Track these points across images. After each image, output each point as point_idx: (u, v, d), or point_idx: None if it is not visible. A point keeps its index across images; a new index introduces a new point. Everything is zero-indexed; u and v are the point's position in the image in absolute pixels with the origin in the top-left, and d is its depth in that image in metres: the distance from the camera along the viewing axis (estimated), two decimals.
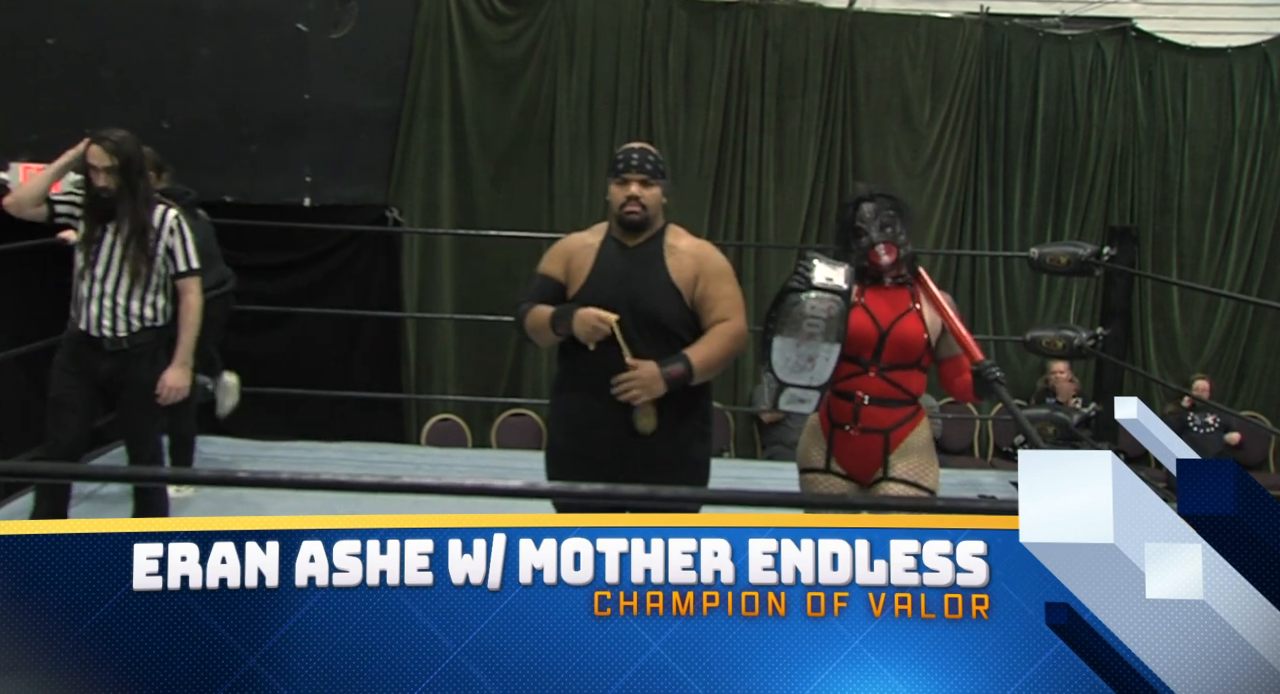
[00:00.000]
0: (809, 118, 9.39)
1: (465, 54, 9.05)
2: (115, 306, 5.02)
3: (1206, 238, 9.84)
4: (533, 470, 7.50)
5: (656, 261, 4.19)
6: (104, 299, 5.01)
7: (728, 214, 9.38)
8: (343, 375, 8.80)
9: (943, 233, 9.58)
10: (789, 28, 9.35)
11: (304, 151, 8.74)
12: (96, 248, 5.02)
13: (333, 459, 7.31)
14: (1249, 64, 9.72)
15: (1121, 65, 9.63)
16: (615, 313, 4.07)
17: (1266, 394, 10.01)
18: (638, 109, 9.28)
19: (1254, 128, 9.76)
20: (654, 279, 4.17)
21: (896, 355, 4.14)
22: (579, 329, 4.08)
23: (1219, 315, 9.94)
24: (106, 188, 4.98)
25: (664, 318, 4.15)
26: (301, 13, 8.63)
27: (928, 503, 3.80)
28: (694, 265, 4.21)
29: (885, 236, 4.20)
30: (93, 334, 5.02)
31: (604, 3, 9.19)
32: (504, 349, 9.32)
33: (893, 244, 4.19)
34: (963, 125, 9.55)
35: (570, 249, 4.27)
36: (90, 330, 5.02)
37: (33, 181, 5.12)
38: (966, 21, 9.50)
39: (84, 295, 5.03)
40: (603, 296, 4.12)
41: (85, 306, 5.02)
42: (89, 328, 5.02)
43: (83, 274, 5.03)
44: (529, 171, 9.24)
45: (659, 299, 4.15)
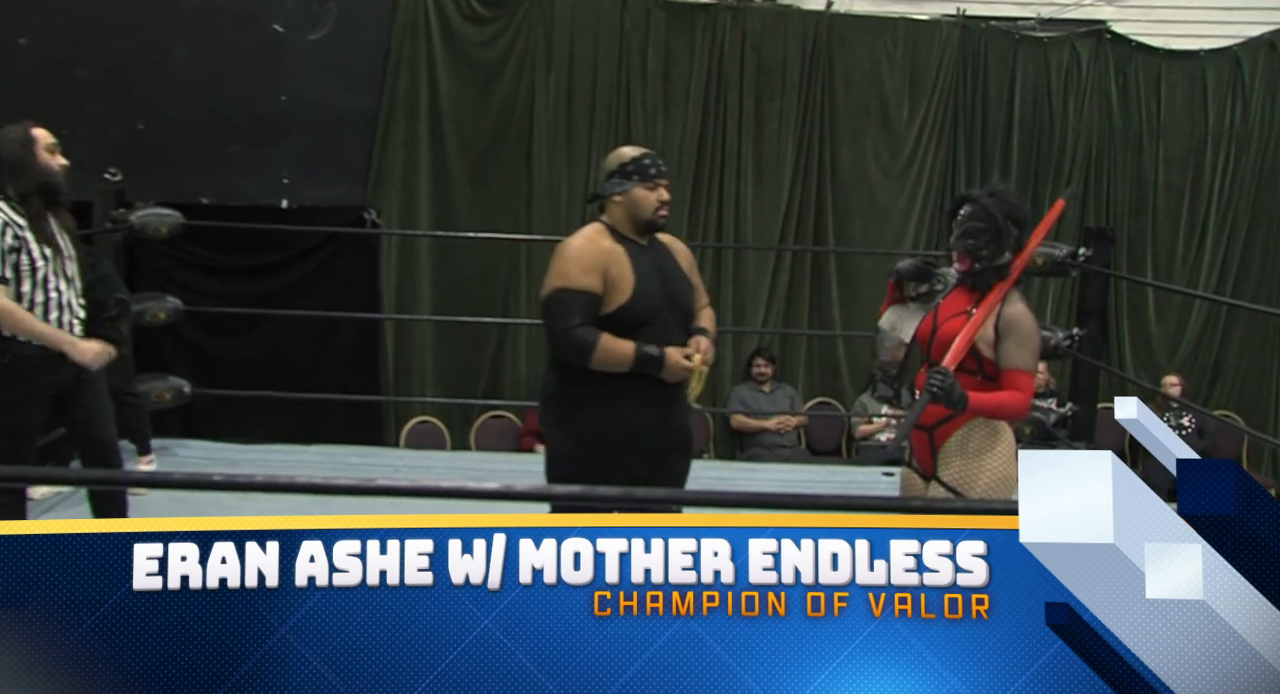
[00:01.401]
0: (787, 119, 9.40)
1: (443, 55, 9.02)
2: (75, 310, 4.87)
3: (1181, 238, 9.90)
4: (512, 472, 7.56)
5: (670, 258, 4.44)
6: (70, 304, 4.85)
7: (706, 215, 9.38)
8: (321, 377, 8.76)
9: (920, 234, 9.60)
10: (767, 29, 9.36)
11: (282, 152, 8.71)
12: (56, 243, 4.82)
13: (310, 462, 7.28)
14: (1221, 66, 9.78)
15: (1096, 67, 9.68)
16: (659, 313, 4.31)
17: (1240, 393, 10.07)
18: (616, 110, 9.28)
19: (1226, 129, 9.82)
20: (678, 275, 4.44)
21: (939, 354, 4.14)
22: (669, 376, 4.28)
23: (1193, 315, 9.99)
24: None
25: (690, 309, 4.46)
26: (279, 13, 8.60)
27: (927, 504, 3.80)
28: (686, 256, 4.53)
29: (960, 246, 4.23)
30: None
31: (582, 4, 9.18)
32: (483, 351, 9.30)
33: (965, 255, 4.21)
34: (940, 126, 9.58)
35: (601, 259, 4.31)
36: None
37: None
38: (944, 24, 9.53)
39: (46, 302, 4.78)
40: (654, 301, 4.31)
41: (49, 315, 4.78)
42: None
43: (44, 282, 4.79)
44: (507, 172, 9.22)
45: (687, 293, 4.45)
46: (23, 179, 4.79)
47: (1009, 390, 4.07)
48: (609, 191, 4.40)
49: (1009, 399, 4.06)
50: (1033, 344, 4.15)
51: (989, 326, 4.13)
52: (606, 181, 4.42)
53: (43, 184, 4.81)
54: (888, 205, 9.57)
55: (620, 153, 4.49)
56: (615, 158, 4.46)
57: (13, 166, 4.79)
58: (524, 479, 7.14)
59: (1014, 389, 4.07)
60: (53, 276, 4.80)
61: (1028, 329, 4.14)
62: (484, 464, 7.84)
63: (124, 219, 7.14)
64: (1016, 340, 4.11)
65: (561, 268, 4.35)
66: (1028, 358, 4.11)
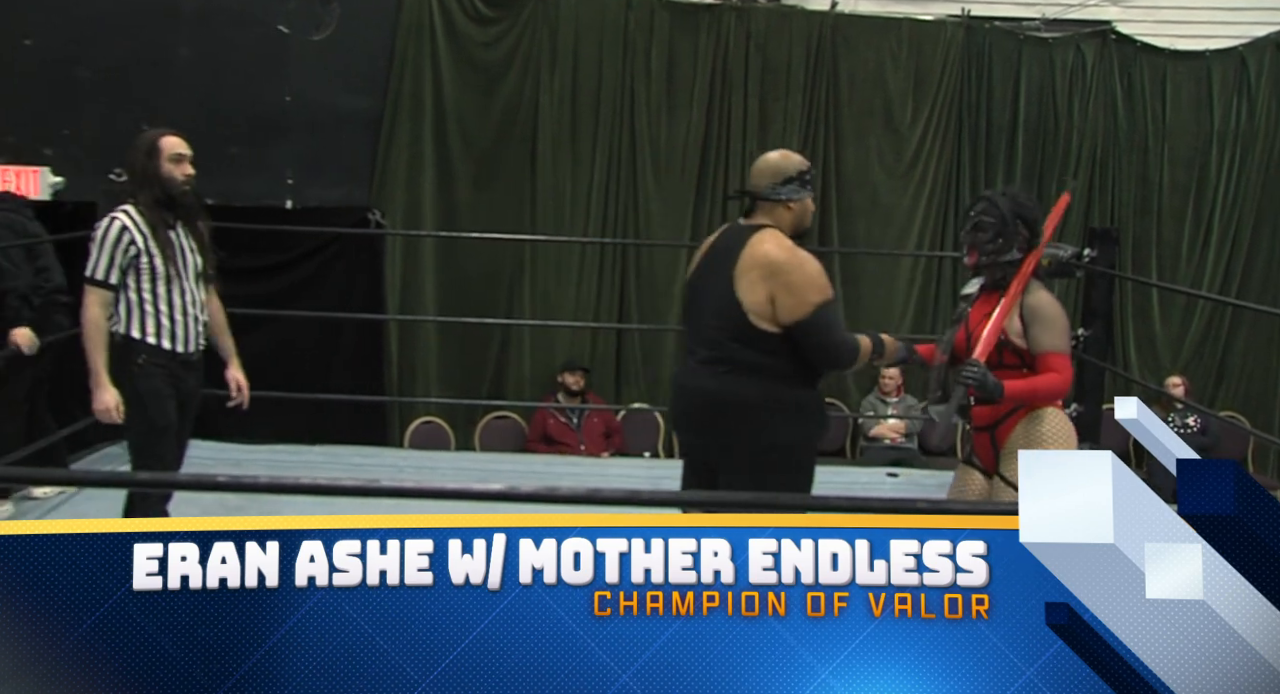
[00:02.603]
0: (791, 119, 9.40)
1: (447, 55, 9.03)
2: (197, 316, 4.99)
3: (1186, 239, 9.89)
4: (517, 472, 7.56)
5: None
6: (191, 308, 4.96)
7: (710, 215, 9.37)
8: (325, 378, 8.76)
9: (924, 234, 9.61)
10: (771, 29, 9.36)
11: (285, 153, 8.71)
12: (173, 252, 4.91)
13: (315, 462, 7.28)
14: (1226, 67, 9.77)
15: (1101, 68, 9.67)
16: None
17: (1245, 394, 10.06)
18: (620, 110, 9.28)
19: (1231, 130, 9.81)
20: None
21: (981, 355, 4.26)
22: (889, 358, 4.52)
23: (1198, 316, 9.98)
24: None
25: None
26: (282, 13, 8.61)
27: (926, 504, 3.81)
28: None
29: (968, 239, 4.36)
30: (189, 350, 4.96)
31: (586, 4, 9.18)
32: (487, 351, 9.31)
33: (972, 248, 4.33)
34: (944, 127, 9.58)
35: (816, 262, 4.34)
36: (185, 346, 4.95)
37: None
38: (948, 24, 9.53)
39: (170, 308, 4.90)
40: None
41: (174, 320, 4.91)
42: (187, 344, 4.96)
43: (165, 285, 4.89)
44: (511, 172, 9.23)
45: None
46: (146, 188, 4.90)
47: (1045, 373, 4.20)
48: (785, 196, 4.31)
49: (1045, 381, 4.19)
50: (1059, 326, 4.26)
51: (1015, 318, 4.27)
52: (782, 185, 4.31)
53: (164, 195, 4.91)
54: (892, 205, 9.57)
55: (791, 158, 4.40)
56: (788, 163, 4.38)
57: (138, 175, 4.92)
58: (529, 480, 7.17)
59: (1049, 371, 4.20)
60: (173, 283, 4.89)
61: (1052, 313, 4.26)
62: (489, 464, 7.85)
63: None
64: (1042, 325, 4.23)
65: (814, 280, 4.23)
66: (1056, 339, 4.23)
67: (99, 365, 4.79)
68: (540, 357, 9.33)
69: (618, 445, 8.99)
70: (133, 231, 4.82)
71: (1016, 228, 4.31)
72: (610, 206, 9.33)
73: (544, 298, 9.33)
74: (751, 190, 4.36)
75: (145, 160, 4.90)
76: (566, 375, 8.93)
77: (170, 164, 4.90)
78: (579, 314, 9.30)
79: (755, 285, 4.18)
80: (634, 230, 9.35)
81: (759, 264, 4.19)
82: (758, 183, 4.34)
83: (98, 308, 4.80)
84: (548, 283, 9.34)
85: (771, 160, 4.39)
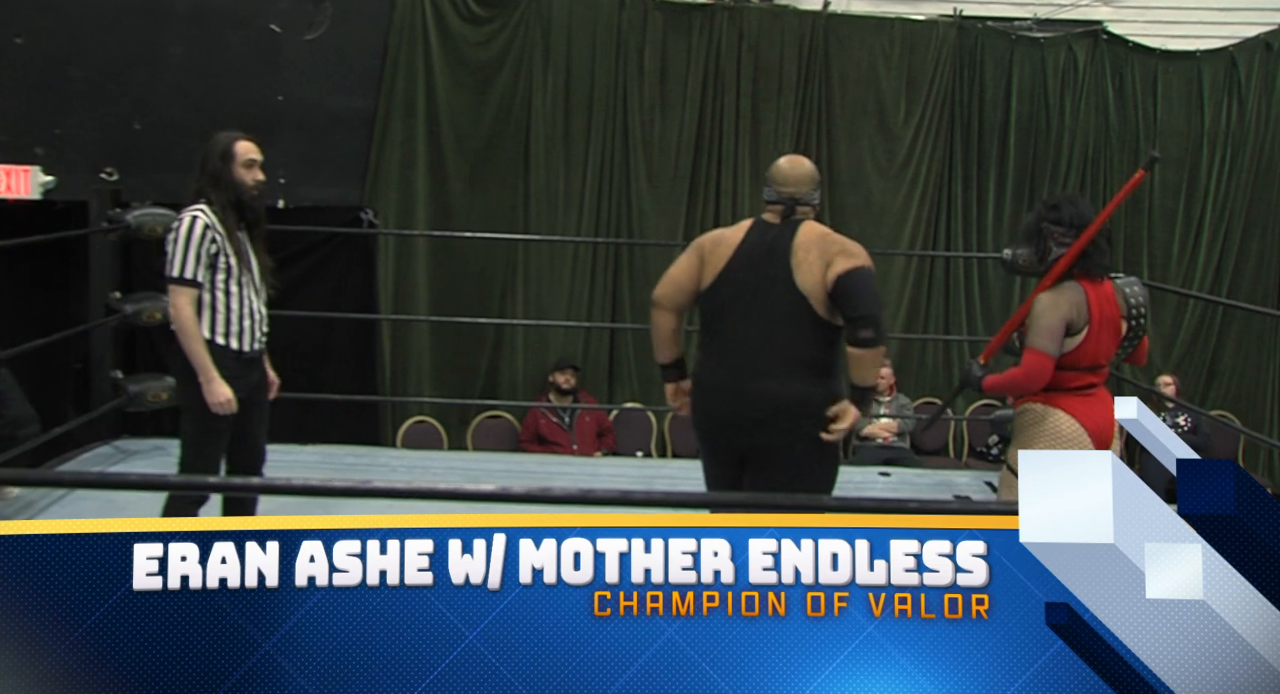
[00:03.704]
0: (784, 119, 9.41)
1: (440, 55, 9.02)
2: (263, 316, 5.02)
3: (1176, 238, 9.91)
4: (509, 472, 7.55)
5: None
6: (258, 309, 4.99)
7: (703, 215, 9.36)
8: (318, 378, 8.73)
9: (917, 234, 9.61)
10: (764, 30, 9.36)
11: (278, 153, 8.64)
12: (245, 253, 4.93)
13: (308, 462, 7.27)
14: (1217, 67, 9.80)
15: (1093, 68, 9.69)
16: None
17: (1236, 393, 10.08)
18: (613, 110, 9.28)
19: (1222, 130, 9.84)
20: None
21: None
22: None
23: (1188, 315, 10.01)
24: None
25: None
26: (275, 13, 8.59)
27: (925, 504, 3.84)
28: None
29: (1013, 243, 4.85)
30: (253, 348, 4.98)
31: (579, 4, 9.18)
32: (480, 351, 9.30)
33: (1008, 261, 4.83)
34: (937, 127, 9.59)
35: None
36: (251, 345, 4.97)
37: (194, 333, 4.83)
38: (940, 24, 9.54)
39: (240, 307, 4.92)
40: None
41: (243, 319, 4.92)
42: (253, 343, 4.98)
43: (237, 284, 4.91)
44: (504, 172, 9.22)
45: None
46: (219, 191, 4.91)
47: (1018, 368, 4.48)
48: (814, 201, 4.61)
49: (1008, 376, 4.50)
50: (1041, 323, 4.45)
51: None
52: (814, 190, 4.60)
53: (235, 198, 4.92)
54: (884, 205, 9.57)
55: (811, 166, 4.65)
56: (814, 169, 4.66)
57: (211, 178, 4.92)
58: (521, 480, 7.17)
59: (1022, 366, 4.46)
60: (245, 284, 4.92)
61: (1039, 310, 4.47)
62: (481, 464, 7.84)
63: (120, 219, 7.14)
64: (1030, 322, 4.49)
65: (855, 248, 4.51)
66: (1034, 337, 4.45)
67: (205, 362, 4.78)
68: (533, 356, 9.33)
69: (610, 445, 8.98)
70: (214, 229, 4.83)
71: (1046, 230, 4.56)
72: (603, 206, 9.33)
73: (537, 298, 9.32)
74: (794, 196, 4.56)
75: (220, 164, 4.91)
76: (558, 374, 8.93)
77: (243, 169, 4.93)
78: (572, 314, 9.30)
79: (814, 264, 4.40)
80: (627, 230, 9.35)
81: (815, 242, 4.45)
82: (799, 189, 4.56)
83: (190, 307, 4.80)
84: (540, 283, 9.33)
85: (806, 167, 4.63)
